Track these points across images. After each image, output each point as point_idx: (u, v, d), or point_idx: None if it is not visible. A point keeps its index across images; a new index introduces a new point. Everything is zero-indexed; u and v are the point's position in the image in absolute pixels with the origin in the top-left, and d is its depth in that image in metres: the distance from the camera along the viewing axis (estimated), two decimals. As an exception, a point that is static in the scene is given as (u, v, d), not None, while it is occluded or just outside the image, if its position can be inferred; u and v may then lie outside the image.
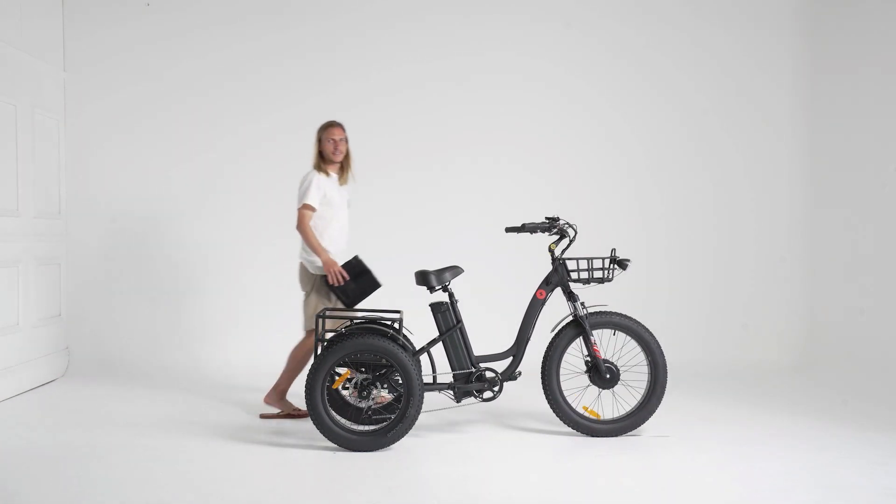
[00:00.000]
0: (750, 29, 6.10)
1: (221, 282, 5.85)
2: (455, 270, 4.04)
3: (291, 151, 5.90)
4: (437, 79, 5.96)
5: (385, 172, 5.89)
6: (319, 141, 4.38)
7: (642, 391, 4.05)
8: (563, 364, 4.01)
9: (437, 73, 5.96)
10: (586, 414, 4.00)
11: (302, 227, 4.27)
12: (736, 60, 6.10)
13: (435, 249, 5.70)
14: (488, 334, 4.92)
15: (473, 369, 3.94)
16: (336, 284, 4.21)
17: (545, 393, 3.95)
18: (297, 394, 4.53)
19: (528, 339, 4.02)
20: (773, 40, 6.10)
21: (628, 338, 4.02)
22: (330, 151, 4.34)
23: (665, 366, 3.99)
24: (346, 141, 4.41)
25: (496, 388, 3.95)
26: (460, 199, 5.99)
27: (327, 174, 4.37)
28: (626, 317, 3.99)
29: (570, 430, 3.99)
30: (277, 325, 5.81)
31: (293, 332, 5.63)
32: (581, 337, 3.99)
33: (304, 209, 4.28)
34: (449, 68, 5.97)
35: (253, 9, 5.88)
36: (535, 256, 5.05)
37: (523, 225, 4.04)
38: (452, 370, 3.95)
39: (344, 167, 4.46)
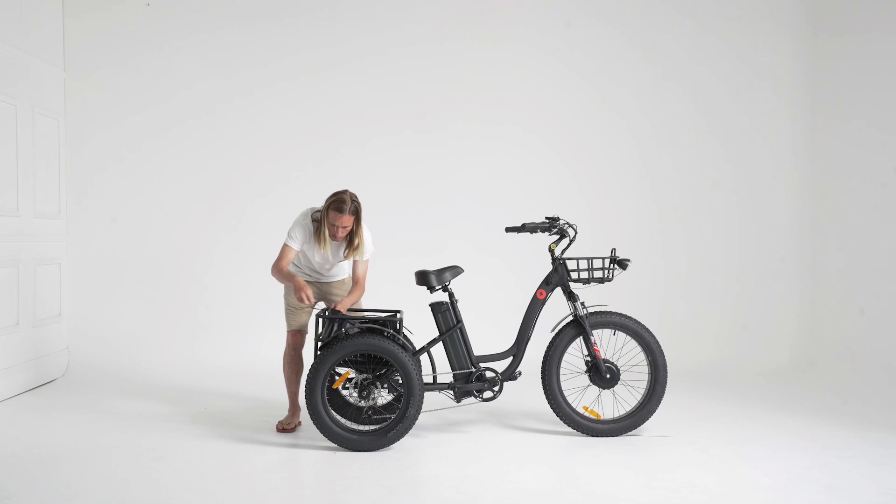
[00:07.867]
0: (750, 28, 6.09)
1: (222, 282, 5.85)
2: (455, 270, 4.03)
3: (293, 152, 5.91)
4: (436, 77, 5.96)
5: (384, 172, 5.90)
6: (326, 213, 3.79)
7: (642, 391, 4.05)
8: (563, 364, 4.01)
9: (436, 71, 5.96)
10: (586, 414, 4.00)
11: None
12: (735, 62, 6.10)
13: (435, 249, 5.71)
14: (488, 334, 4.92)
15: (473, 369, 3.94)
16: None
17: (545, 393, 3.95)
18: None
19: (529, 339, 4.02)
20: (774, 40, 6.09)
21: (628, 338, 4.02)
22: (330, 233, 3.84)
23: (665, 366, 3.99)
24: (359, 223, 3.86)
25: (496, 388, 3.95)
26: (460, 199, 5.99)
27: (322, 243, 3.85)
28: (626, 317, 3.99)
29: (570, 430, 4.00)
30: (278, 324, 5.83)
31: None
32: (581, 337, 3.98)
33: (285, 246, 3.91)
34: (448, 65, 5.97)
35: (254, 8, 5.87)
36: (536, 256, 5.05)
37: (523, 225, 4.04)
38: (452, 370, 3.95)
39: (351, 243, 3.92)
